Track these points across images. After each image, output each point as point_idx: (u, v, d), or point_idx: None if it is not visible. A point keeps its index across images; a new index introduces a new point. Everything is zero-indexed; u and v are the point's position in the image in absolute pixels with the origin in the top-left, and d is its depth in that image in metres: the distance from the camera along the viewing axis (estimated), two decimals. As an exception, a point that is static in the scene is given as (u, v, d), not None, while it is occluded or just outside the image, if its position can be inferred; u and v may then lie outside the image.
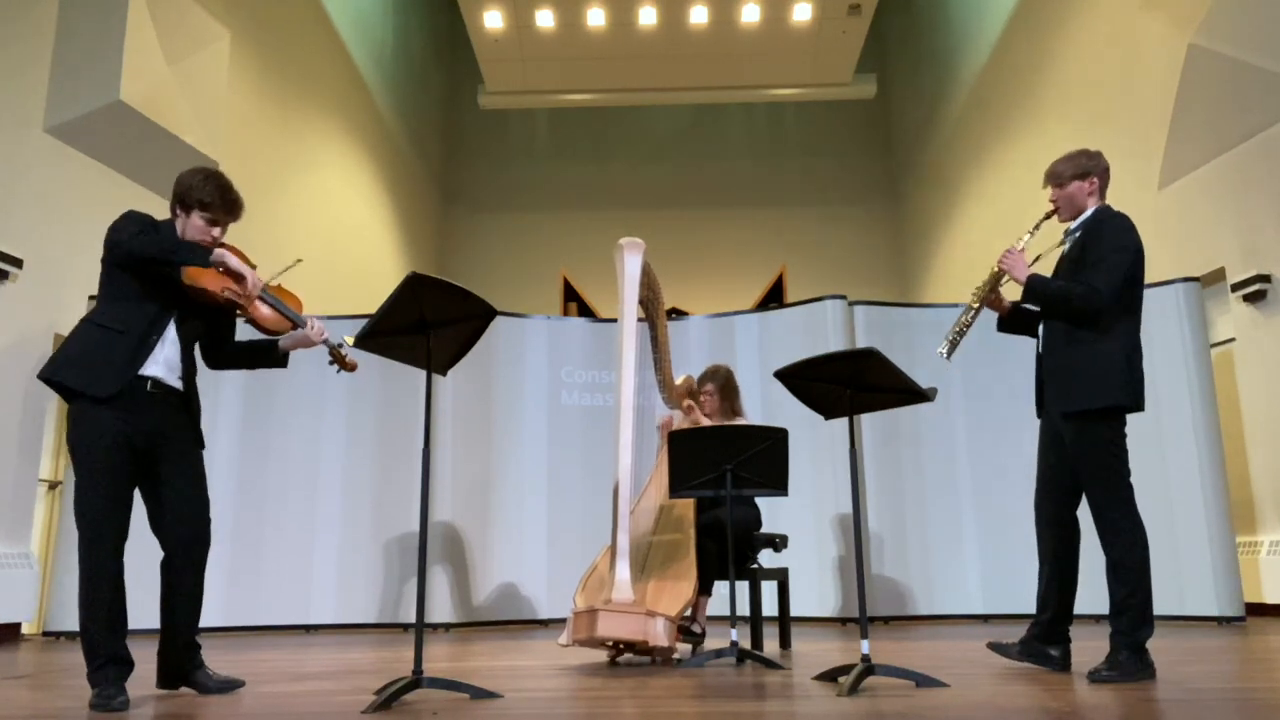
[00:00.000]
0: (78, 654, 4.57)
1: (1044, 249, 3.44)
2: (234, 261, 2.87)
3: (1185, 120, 6.90)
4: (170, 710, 2.63)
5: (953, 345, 3.27)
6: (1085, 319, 3.08)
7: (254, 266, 3.06)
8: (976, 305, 3.27)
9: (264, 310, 3.01)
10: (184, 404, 2.97)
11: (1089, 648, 3.36)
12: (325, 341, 3.08)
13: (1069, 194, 3.27)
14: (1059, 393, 3.13)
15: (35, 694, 3.07)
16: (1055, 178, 3.31)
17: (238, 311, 2.98)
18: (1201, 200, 6.93)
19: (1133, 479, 3.08)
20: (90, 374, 2.77)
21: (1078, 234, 3.23)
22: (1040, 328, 3.28)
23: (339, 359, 3.15)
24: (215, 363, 3.14)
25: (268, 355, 3.13)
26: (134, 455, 2.82)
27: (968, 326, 3.27)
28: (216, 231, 2.96)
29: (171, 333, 2.91)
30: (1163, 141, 7.16)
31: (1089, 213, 3.25)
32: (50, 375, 2.81)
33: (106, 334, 2.83)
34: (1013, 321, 3.39)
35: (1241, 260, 6.46)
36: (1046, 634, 3.22)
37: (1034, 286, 3.15)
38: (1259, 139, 6.35)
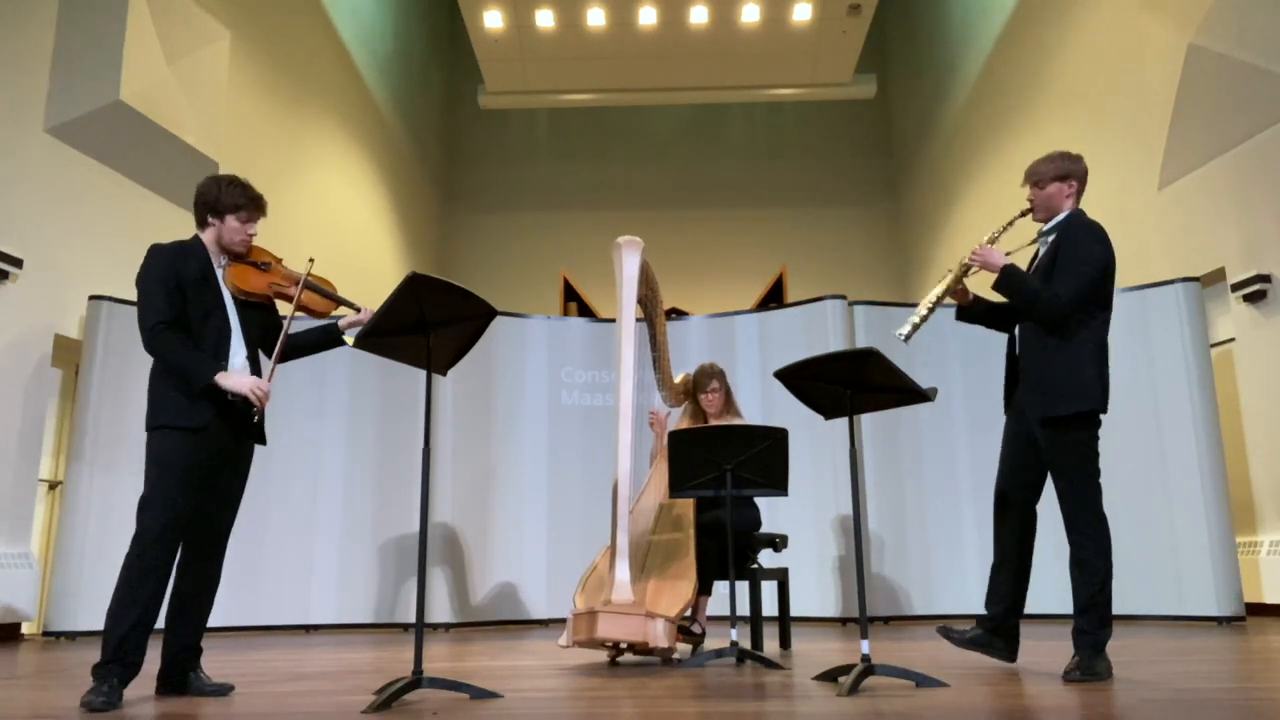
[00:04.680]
0: (78, 654, 4.59)
1: (1015, 246, 3.43)
2: (231, 382, 2.90)
3: (1185, 120, 6.90)
4: (168, 710, 2.63)
5: (914, 329, 3.25)
6: (1044, 323, 3.13)
7: (280, 259, 3.20)
8: (940, 294, 3.29)
9: (310, 296, 3.17)
10: (250, 405, 3.02)
11: (1060, 648, 3.35)
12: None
13: (1047, 195, 3.26)
14: (1037, 398, 3.14)
15: (35, 694, 3.07)
16: (1035, 177, 3.29)
17: (290, 302, 3.11)
18: (1201, 200, 6.92)
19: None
20: (183, 411, 2.86)
21: (1052, 236, 3.24)
22: (1016, 328, 3.30)
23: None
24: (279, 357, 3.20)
25: (332, 339, 3.24)
26: (210, 469, 2.91)
27: (930, 313, 3.29)
28: (252, 229, 3.11)
29: (238, 343, 3.02)
30: (1163, 141, 7.16)
31: (1063, 215, 3.24)
32: (153, 424, 2.88)
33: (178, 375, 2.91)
34: (972, 312, 3.40)
35: (1241, 260, 6.46)
36: (999, 627, 3.26)
37: (1009, 277, 3.17)
38: (1259, 139, 6.35)
